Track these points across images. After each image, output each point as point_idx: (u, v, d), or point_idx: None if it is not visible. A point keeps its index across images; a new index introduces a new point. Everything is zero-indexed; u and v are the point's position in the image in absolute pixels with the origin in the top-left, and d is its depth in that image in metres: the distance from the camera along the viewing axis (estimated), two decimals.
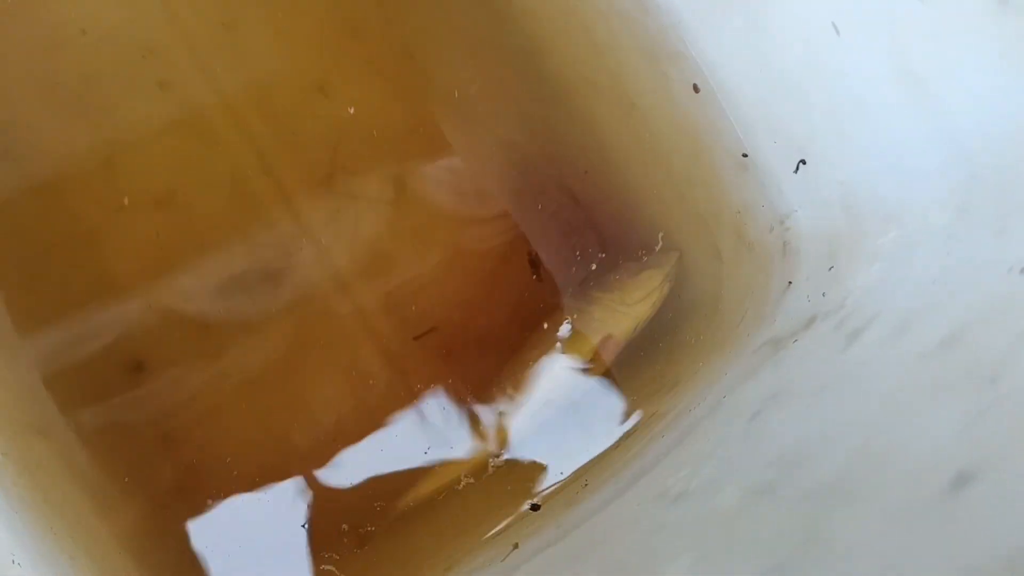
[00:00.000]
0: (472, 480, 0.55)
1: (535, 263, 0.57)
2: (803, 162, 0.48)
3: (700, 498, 0.36)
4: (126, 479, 0.54)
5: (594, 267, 0.57)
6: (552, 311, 0.57)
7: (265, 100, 0.57)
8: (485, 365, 0.57)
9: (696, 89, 0.52)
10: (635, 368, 0.56)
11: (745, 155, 0.51)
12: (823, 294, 0.43)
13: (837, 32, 0.41)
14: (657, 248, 0.58)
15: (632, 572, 0.37)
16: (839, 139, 0.45)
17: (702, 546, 0.33)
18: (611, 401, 0.56)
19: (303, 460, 0.55)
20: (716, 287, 0.56)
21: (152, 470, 0.55)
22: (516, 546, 0.50)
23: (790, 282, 0.48)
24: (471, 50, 0.59)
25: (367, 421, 0.56)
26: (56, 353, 0.54)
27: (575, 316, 0.57)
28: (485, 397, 0.56)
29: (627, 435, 0.54)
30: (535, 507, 0.52)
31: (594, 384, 0.56)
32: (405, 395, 0.56)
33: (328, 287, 0.56)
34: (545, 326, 0.57)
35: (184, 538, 0.54)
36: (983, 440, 0.29)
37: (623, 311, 0.57)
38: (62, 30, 0.57)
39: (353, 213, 0.57)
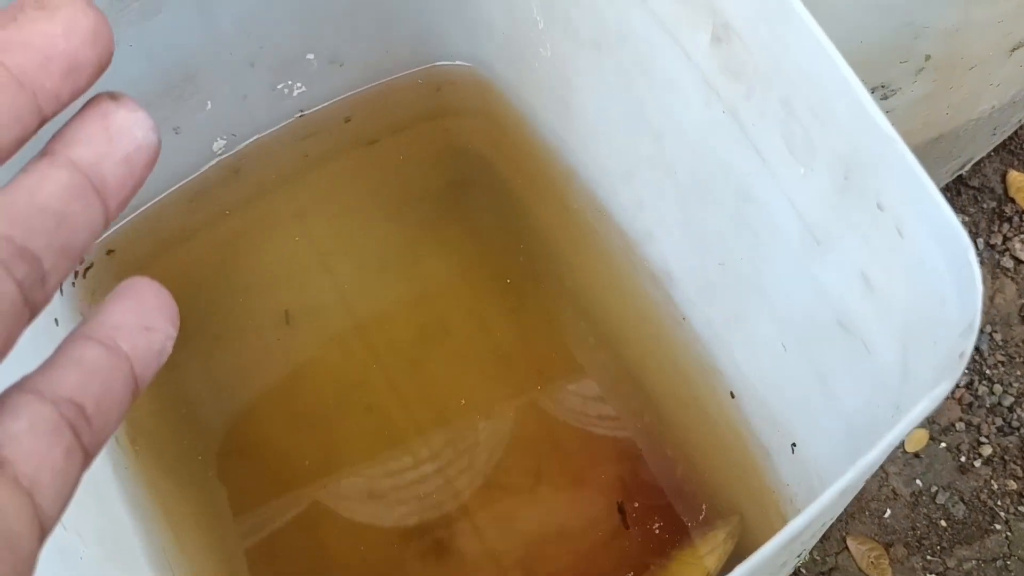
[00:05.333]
0: None
1: (623, 511, 0.68)
2: (794, 445, 0.61)
3: None
4: None
5: (669, 532, 0.68)
6: (638, 566, 0.67)
7: (442, 419, 0.71)
8: None
9: (732, 395, 0.66)
10: None
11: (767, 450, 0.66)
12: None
13: (784, 350, 0.59)
14: (701, 517, 0.68)
15: None
16: (811, 425, 0.59)
17: None
18: None
19: None
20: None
21: None
22: None
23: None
24: (588, 375, 0.73)
25: None
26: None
27: (654, 568, 0.67)
28: None
29: None
30: None
31: None
32: None
33: (481, 556, 0.68)
34: None
35: None
36: None
37: (694, 563, 0.66)
38: (301, 371, 0.74)
39: (502, 500, 0.69)
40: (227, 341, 0.76)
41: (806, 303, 0.53)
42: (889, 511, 0.83)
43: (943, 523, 0.82)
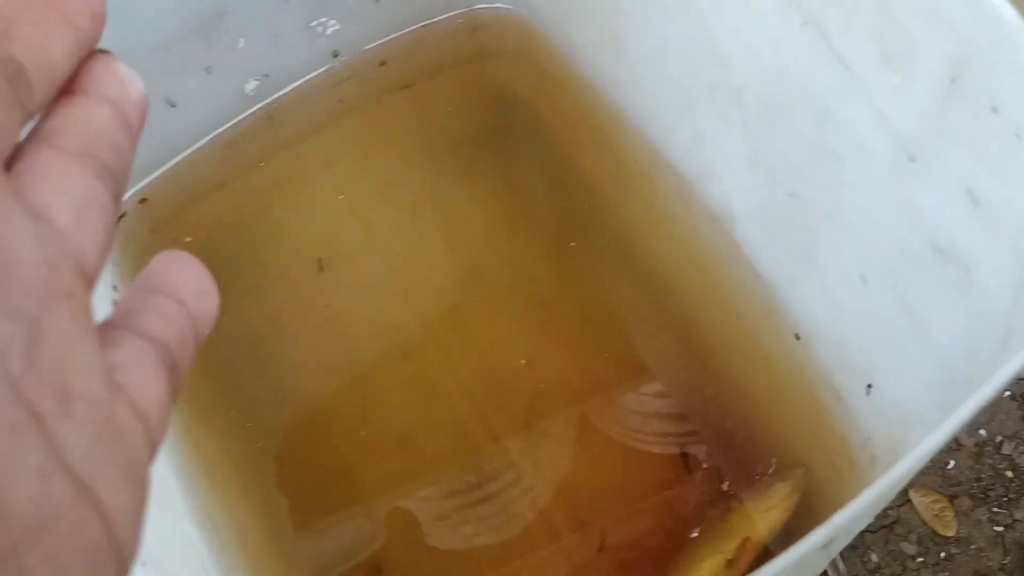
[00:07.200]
0: None
1: (685, 456, 0.66)
2: (870, 386, 0.58)
3: None
4: None
5: (730, 484, 0.66)
6: (700, 520, 0.65)
7: (481, 366, 0.70)
8: (651, 570, 0.64)
9: (797, 337, 0.64)
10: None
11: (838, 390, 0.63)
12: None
13: (865, 282, 0.56)
14: (771, 471, 0.65)
15: None
16: (893, 363, 0.55)
17: None
18: None
19: None
20: (836, 495, 0.63)
21: None
22: None
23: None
24: (634, 322, 0.71)
25: None
26: (318, 555, 0.65)
27: (718, 523, 0.64)
28: None
29: None
30: None
31: None
32: None
33: (526, 505, 0.66)
34: (695, 534, 0.64)
35: None
36: None
37: (757, 517, 0.63)
38: (340, 316, 0.72)
39: (545, 447, 0.67)
40: (261, 290, 0.74)
41: (895, 229, 0.50)
42: (952, 462, 0.80)
43: (1009, 474, 0.79)
